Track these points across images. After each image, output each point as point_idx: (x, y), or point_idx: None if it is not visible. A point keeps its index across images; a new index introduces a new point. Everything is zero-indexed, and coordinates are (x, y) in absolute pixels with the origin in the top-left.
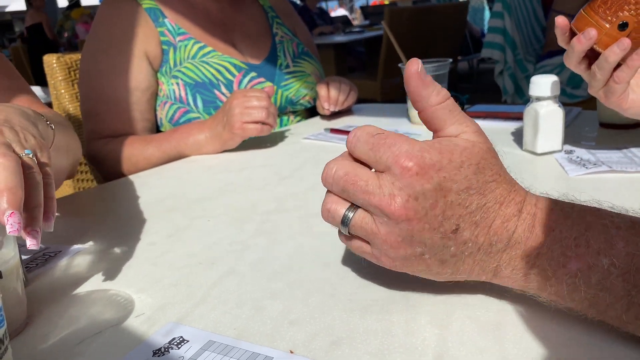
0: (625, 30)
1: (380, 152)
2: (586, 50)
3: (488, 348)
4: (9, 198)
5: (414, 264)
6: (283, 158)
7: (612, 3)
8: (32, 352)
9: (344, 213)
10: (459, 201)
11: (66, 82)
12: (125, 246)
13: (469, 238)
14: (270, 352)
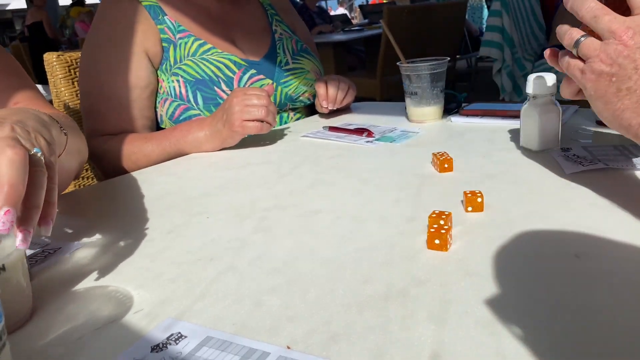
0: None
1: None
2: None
3: (485, 343)
4: (8, 194)
5: (601, 82)
6: (282, 156)
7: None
8: (31, 348)
9: (579, 38)
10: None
11: (66, 80)
12: (124, 242)
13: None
14: (267, 348)
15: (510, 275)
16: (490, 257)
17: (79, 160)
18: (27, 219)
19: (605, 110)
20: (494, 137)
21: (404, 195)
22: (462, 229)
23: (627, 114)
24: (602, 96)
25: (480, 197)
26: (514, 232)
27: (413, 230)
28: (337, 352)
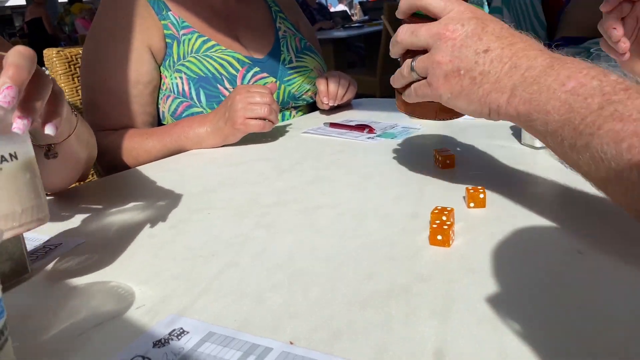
0: None
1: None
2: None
3: (487, 340)
4: (13, 73)
5: (452, 82)
6: (283, 152)
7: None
8: (32, 344)
9: (410, 63)
10: (494, 32)
11: (66, 76)
12: (125, 238)
13: (496, 57)
14: (270, 344)
15: (513, 271)
16: (493, 253)
17: (87, 152)
18: (28, 108)
19: (470, 104)
20: (495, 134)
21: (406, 191)
22: (464, 225)
23: (492, 96)
24: (460, 93)
25: (482, 193)
26: (517, 228)
27: (415, 227)
28: (340, 349)
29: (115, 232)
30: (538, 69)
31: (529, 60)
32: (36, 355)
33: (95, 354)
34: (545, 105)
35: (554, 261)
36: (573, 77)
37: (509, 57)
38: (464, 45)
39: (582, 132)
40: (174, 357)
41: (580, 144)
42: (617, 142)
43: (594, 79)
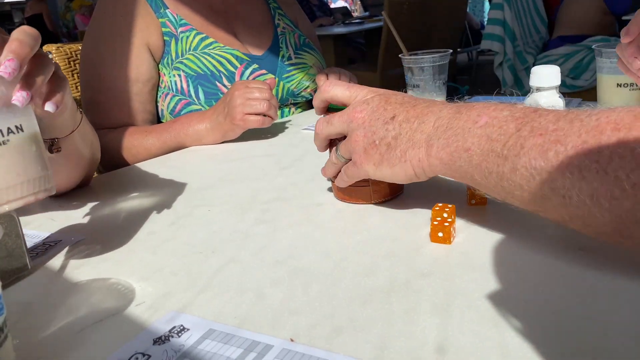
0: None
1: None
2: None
3: (488, 337)
4: (15, 47)
5: (371, 153)
6: (283, 148)
7: None
8: (32, 341)
9: (335, 150)
10: (397, 101)
11: (66, 71)
12: (125, 235)
13: (403, 120)
14: (270, 340)
15: (514, 268)
16: (494, 250)
17: (90, 153)
18: (29, 82)
19: (393, 168)
20: None
21: (407, 187)
22: (465, 222)
23: (410, 153)
24: (381, 161)
25: None
26: (518, 225)
27: (416, 223)
28: (340, 345)
29: (115, 228)
30: (446, 117)
31: (435, 113)
32: (36, 352)
33: (95, 350)
34: (464, 144)
35: (555, 258)
36: (483, 113)
37: (416, 117)
38: (372, 119)
39: (507, 156)
40: (174, 354)
41: (507, 169)
42: (543, 153)
43: (504, 110)
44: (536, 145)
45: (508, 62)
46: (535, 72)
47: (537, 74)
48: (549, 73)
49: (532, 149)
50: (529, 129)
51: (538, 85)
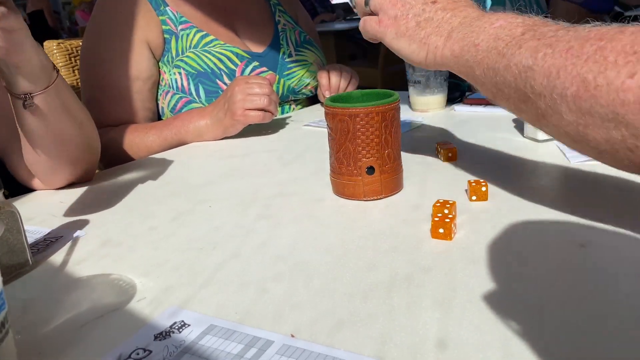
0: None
1: None
2: None
3: (490, 332)
4: None
5: (400, 23)
6: (285, 144)
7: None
8: (33, 336)
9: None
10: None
11: (67, 68)
12: (126, 231)
13: (440, 8)
14: (271, 336)
15: (515, 264)
16: (495, 246)
17: (81, 132)
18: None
19: (411, 44)
20: (497, 126)
21: (408, 183)
22: (466, 218)
23: (432, 38)
24: (404, 34)
25: (484, 186)
26: (519, 221)
27: (417, 219)
28: (341, 340)
29: (116, 224)
30: (473, 17)
31: (467, 12)
32: (37, 348)
33: (97, 346)
34: (475, 40)
35: (557, 254)
36: (502, 18)
37: (451, 9)
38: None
39: (505, 54)
40: (175, 349)
41: (502, 66)
42: (534, 54)
43: (519, 17)
44: (530, 47)
45: None
46: None
47: None
48: None
49: (527, 50)
50: (531, 34)
51: None
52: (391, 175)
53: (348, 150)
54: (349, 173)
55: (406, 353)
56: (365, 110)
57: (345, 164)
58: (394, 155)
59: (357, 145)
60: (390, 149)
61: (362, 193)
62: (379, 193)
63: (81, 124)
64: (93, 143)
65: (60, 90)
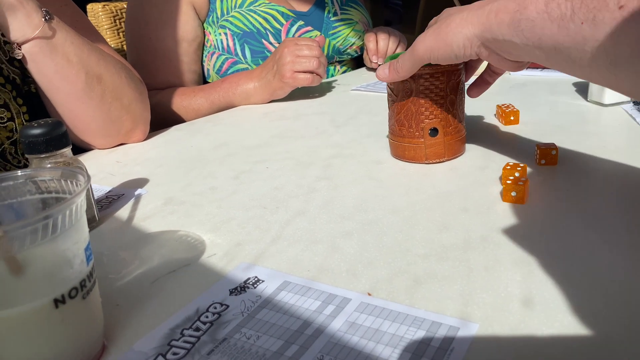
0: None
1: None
2: None
3: (574, 295)
4: None
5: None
6: (335, 107)
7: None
8: (109, 290)
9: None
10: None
11: (112, 31)
12: (187, 189)
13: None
14: (347, 294)
15: (594, 229)
16: (570, 210)
17: (82, 79)
18: None
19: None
20: (557, 90)
21: (470, 146)
22: (536, 182)
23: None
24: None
25: (554, 150)
26: (593, 186)
27: (485, 181)
28: (420, 299)
29: (177, 183)
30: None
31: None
32: (115, 300)
33: (172, 299)
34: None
35: (634, 219)
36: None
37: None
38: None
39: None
40: (252, 304)
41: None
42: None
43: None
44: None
45: None
46: None
47: None
48: None
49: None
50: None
51: None
52: (454, 138)
53: (410, 111)
54: (410, 135)
55: (491, 313)
56: (431, 70)
57: (407, 126)
58: (459, 117)
59: (419, 106)
60: (455, 110)
61: (424, 156)
62: (442, 156)
63: (99, 79)
64: (130, 102)
65: (58, 40)
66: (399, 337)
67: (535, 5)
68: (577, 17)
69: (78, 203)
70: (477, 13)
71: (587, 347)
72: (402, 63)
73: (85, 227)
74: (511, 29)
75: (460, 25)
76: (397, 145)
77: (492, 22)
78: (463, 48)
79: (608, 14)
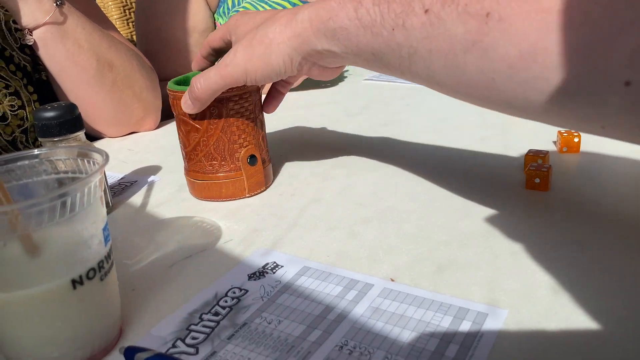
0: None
1: None
2: None
3: (605, 284)
4: None
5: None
6: (348, 96)
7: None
8: (125, 274)
9: None
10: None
11: (121, 21)
12: None
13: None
14: (370, 279)
15: (620, 217)
16: (594, 198)
17: (93, 66)
18: None
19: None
20: None
21: (489, 134)
22: (558, 169)
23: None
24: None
25: (577, 137)
26: (616, 173)
27: (507, 168)
28: (444, 285)
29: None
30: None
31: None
32: (131, 284)
33: (189, 284)
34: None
35: None
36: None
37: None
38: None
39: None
40: (271, 289)
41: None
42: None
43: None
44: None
45: None
46: None
47: None
48: None
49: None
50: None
51: None
52: (270, 162)
53: (222, 141)
54: (226, 169)
55: (518, 299)
56: (240, 91)
57: (220, 159)
58: (266, 138)
59: (231, 134)
60: (264, 132)
61: (244, 189)
62: (262, 184)
63: (111, 65)
64: (141, 90)
65: (69, 26)
66: (425, 323)
67: (346, 12)
68: (387, 23)
69: (95, 182)
70: (291, 25)
71: (617, 334)
72: (206, 87)
73: (103, 206)
74: (329, 39)
75: (276, 41)
76: (209, 185)
77: (309, 33)
78: (284, 66)
79: (416, 18)
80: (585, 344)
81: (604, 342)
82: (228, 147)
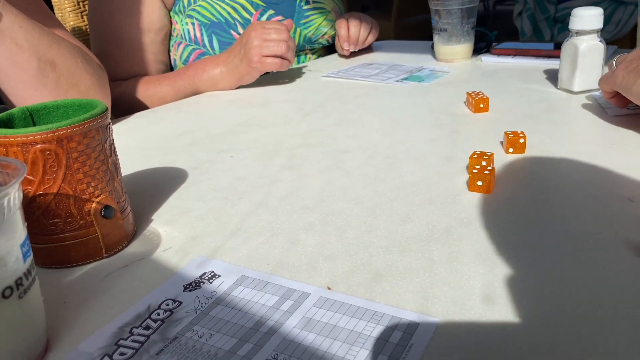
0: None
1: None
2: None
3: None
4: None
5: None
6: (304, 94)
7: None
8: (57, 286)
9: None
10: None
11: (75, 13)
12: (146, 179)
13: None
14: (307, 288)
15: (561, 218)
16: (537, 199)
17: (33, 66)
18: None
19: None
20: (528, 78)
21: (439, 135)
22: (503, 170)
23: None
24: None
25: (522, 138)
26: (560, 174)
27: (452, 171)
28: (380, 293)
29: (134, 172)
30: None
31: None
32: (62, 296)
33: (123, 296)
34: None
35: (602, 208)
36: None
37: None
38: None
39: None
40: (206, 300)
41: None
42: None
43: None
44: None
45: (528, 12)
46: (576, 15)
47: (578, 16)
48: (590, 15)
49: None
50: None
51: (578, 28)
52: (129, 210)
53: (65, 194)
54: (73, 228)
55: (451, 308)
56: (82, 128)
57: (65, 217)
58: (123, 183)
59: (77, 182)
60: (120, 175)
61: (100, 248)
62: (124, 239)
63: (53, 64)
64: (88, 89)
65: (5, 24)
66: (356, 334)
67: None
68: None
69: (12, 195)
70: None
71: (549, 343)
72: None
73: (21, 221)
74: None
75: None
76: (54, 250)
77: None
78: None
79: None
80: (516, 353)
81: (533, 349)
82: (75, 201)
